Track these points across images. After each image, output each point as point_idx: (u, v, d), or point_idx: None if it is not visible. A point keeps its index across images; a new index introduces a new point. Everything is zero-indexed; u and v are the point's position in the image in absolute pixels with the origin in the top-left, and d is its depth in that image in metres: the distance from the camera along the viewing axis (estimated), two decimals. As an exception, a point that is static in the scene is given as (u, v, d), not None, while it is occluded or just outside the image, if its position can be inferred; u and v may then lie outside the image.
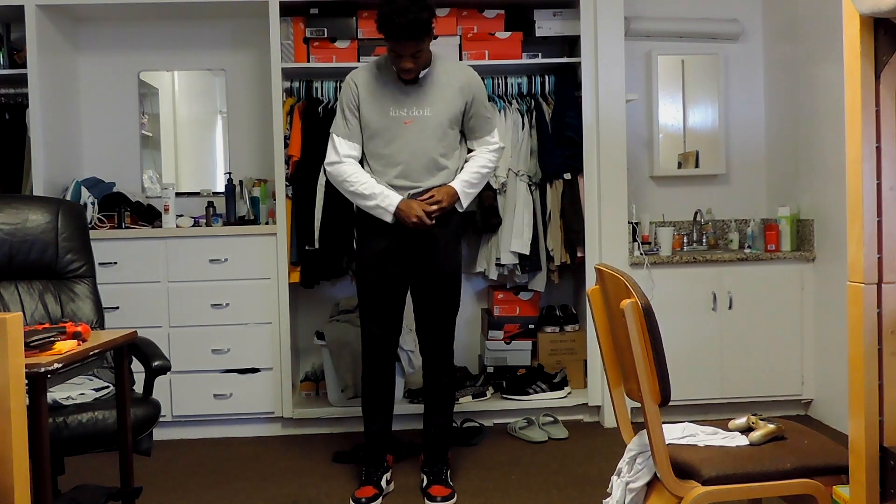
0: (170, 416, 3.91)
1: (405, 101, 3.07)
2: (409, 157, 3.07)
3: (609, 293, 2.17)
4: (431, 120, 3.07)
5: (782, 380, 4.08)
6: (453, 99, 3.09)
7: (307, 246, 3.99)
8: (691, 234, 4.39)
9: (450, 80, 3.11)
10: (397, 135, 3.07)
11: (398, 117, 3.06)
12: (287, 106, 4.04)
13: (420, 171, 3.08)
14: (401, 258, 3.13)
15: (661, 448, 1.99)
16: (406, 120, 3.06)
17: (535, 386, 4.09)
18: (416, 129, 3.06)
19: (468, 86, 3.13)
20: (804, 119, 4.13)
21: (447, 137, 3.11)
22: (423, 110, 3.06)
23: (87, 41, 4.35)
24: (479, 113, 3.17)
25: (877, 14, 1.61)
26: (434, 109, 3.07)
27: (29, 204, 3.01)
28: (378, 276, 3.14)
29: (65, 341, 2.18)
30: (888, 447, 1.69)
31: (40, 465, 2.00)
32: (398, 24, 2.85)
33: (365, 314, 3.21)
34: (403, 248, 3.11)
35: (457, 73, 3.14)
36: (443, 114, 3.08)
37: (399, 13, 2.84)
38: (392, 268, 3.14)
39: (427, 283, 3.17)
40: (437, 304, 3.20)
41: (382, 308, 3.17)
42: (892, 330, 1.70)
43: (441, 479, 3.18)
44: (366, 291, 3.19)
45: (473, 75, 3.19)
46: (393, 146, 3.08)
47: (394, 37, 2.90)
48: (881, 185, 1.70)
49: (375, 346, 3.20)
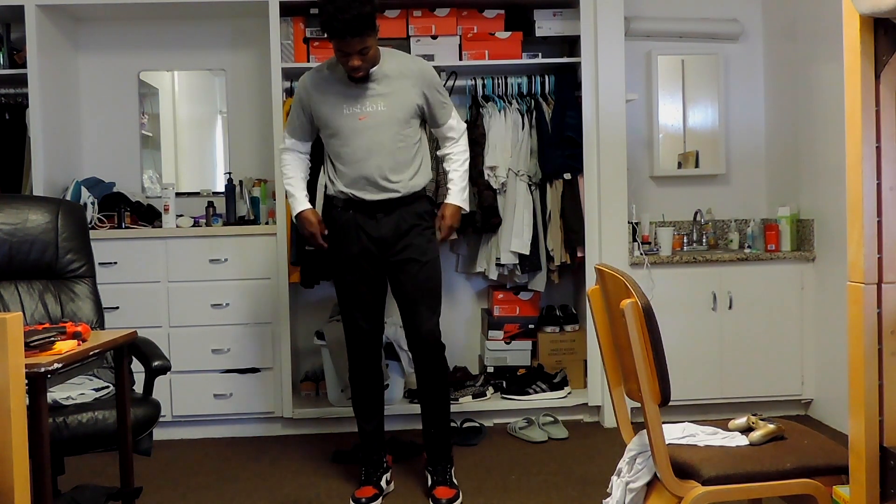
0: (170, 416, 3.91)
1: (358, 99, 3.04)
2: (366, 153, 3.04)
3: (609, 293, 2.17)
4: (386, 114, 3.04)
5: (782, 380, 4.08)
6: (407, 91, 3.06)
7: (307, 246, 3.98)
8: (691, 234, 4.39)
9: (402, 71, 3.08)
10: (353, 133, 3.05)
11: (352, 114, 3.04)
12: (287, 106, 4.03)
13: (381, 169, 3.04)
14: (373, 255, 3.11)
15: (661, 448, 1.99)
16: (360, 116, 3.04)
17: (535, 386, 4.09)
18: (372, 125, 3.03)
19: (420, 75, 3.09)
20: (804, 119, 4.13)
21: (405, 130, 3.07)
22: (377, 105, 3.04)
23: (87, 41, 4.35)
24: (436, 100, 3.13)
25: (877, 14, 1.61)
26: (388, 103, 3.04)
27: (29, 204, 3.01)
28: (355, 277, 3.14)
29: (65, 341, 2.18)
30: (888, 447, 1.70)
31: (40, 465, 2.00)
32: (341, 21, 2.84)
33: (347, 315, 3.20)
34: (375, 244, 3.10)
35: (408, 65, 3.12)
36: (397, 107, 3.05)
37: (341, 10, 2.83)
38: (367, 265, 3.13)
39: (404, 275, 3.12)
40: (416, 294, 3.13)
41: (363, 307, 3.16)
42: (892, 330, 1.70)
43: (445, 479, 3.16)
44: (345, 293, 3.19)
45: (424, 64, 3.17)
46: (351, 145, 3.05)
47: (339, 35, 2.88)
48: (881, 185, 1.70)
49: (360, 345, 3.20)
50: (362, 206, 3.09)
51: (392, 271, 3.14)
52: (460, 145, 3.25)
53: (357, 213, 3.10)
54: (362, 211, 3.09)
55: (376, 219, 3.08)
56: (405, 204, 3.10)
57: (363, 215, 3.09)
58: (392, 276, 3.16)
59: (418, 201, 3.14)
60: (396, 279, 3.15)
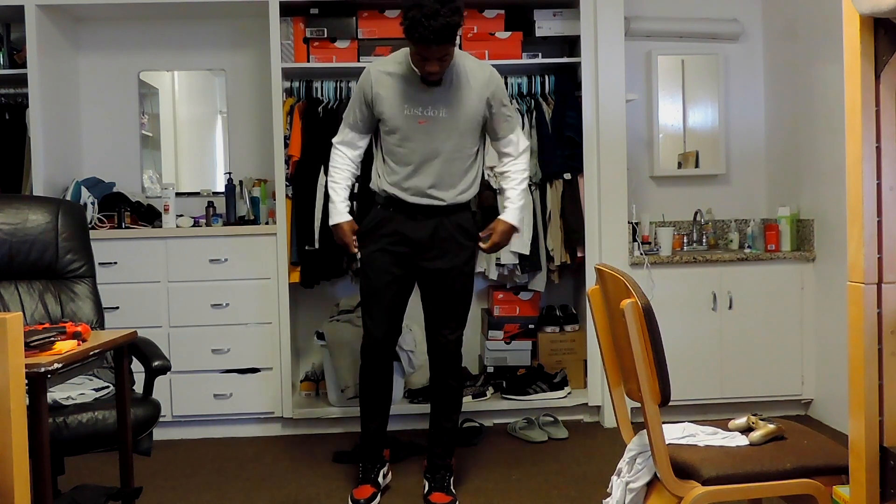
0: (170, 416, 3.91)
1: (421, 100, 2.98)
2: (421, 158, 3.00)
3: (609, 293, 2.17)
4: (447, 122, 2.99)
5: (782, 380, 4.08)
6: (471, 100, 3.01)
7: (307, 246, 3.99)
8: (691, 234, 4.39)
9: (469, 79, 3.01)
10: (410, 134, 3.00)
11: (412, 116, 2.99)
12: (287, 106, 4.04)
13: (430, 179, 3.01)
14: (406, 258, 3.08)
15: (661, 448, 1.99)
16: (420, 120, 2.98)
17: (535, 386, 4.09)
18: (431, 129, 2.99)
19: (487, 85, 3.03)
20: (804, 119, 4.13)
21: (464, 140, 3.03)
22: (439, 111, 2.98)
23: (87, 41, 4.35)
24: (500, 112, 3.08)
25: (877, 14, 1.61)
26: (450, 111, 2.99)
27: (29, 204, 3.01)
28: (380, 277, 3.10)
29: (65, 341, 2.18)
30: (888, 447, 1.70)
31: (40, 465, 2.00)
32: (428, 28, 2.72)
33: (366, 313, 3.19)
34: (410, 247, 3.07)
35: (476, 73, 3.03)
36: (460, 116, 3.00)
37: (429, 17, 2.71)
38: (396, 268, 3.09)
39: (435, 283, 3.11)
40: (444, 304, 3.14)
41: (384, 309, 3.13)
42: (892, 330, 1.70)
43: (443, 486, 3.13)
44: (368, 292, 3.16)
45: (493, 73, 3.09)
46: (406, 146, 3.01)
47: (423, 41, 2.77)
48: (881, 185, 1.70)
49: (375, 345, 3.17)
50: (404, 206, 3.05)
51: (424, 277, 3.12)
52: (520, 163, 3.17)
53: (397, 212, 3.06)
54: (403, 211, 3.05)
55: (416, 220, 3.05)
56: (447, 213, 3.07)
57: (403, 215, 3.05)
58: (424, 282, 3.14)
59: (461, 212, 3.11)
60: (429, 286, 3.13)
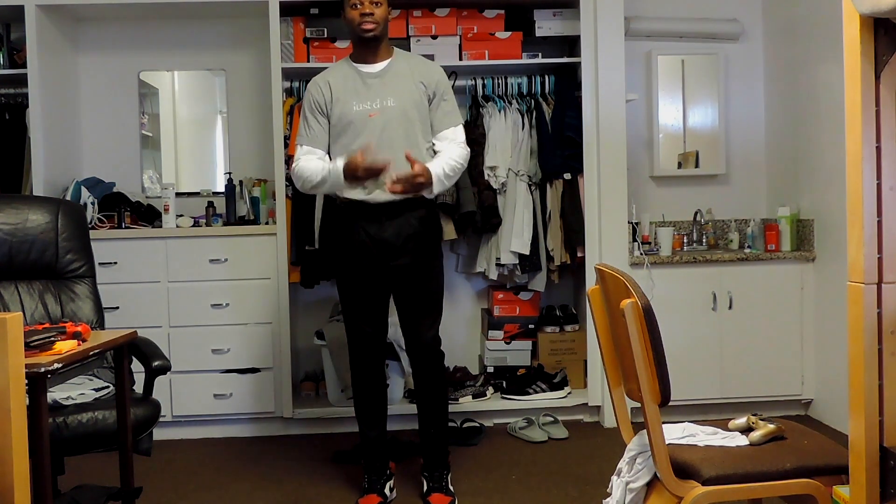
0: (170, 416, 3.91)
1: (367, 94, 3.01)
2: (375, 151, 2.96)
3: (609, 293, 2.17)
4: (395, 110, 3.00)
5: (782, 380, 4.08)
6: (415, 88, 3.03)
7: (307, 246, 3.99)
8: (691, 234, 4.39)
9: (412, 71, 3.06)
10: (363, 129, 3.00)
11: (362, 111, 3.00)
12: (287, 106, 4.04)
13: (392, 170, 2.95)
14: (376, 257, 3.06)
15: (661, 448, 1.99)
16: (370, 113, 3.00)
17: (535, 386, 4.09)
18: (382, 120, 3.00)
19: (429, 75, 3.07)
20: (804, 119, 4.13)
21: (413, 128, 3.03)
22: (387, 101, 3.00)
23: (87, 41, 4.35)
24: (441, 105, 3.08)
25: (877, 14, 1.61)
26: (397, 99, 3.00)
27: (29, 204, 3.01)
28: (357, 280, 3.08)
29: (65, 341, 2.18)
30: (888, 447, 1.69)
31: (40, 465, 2.00)
32: None
33: (349, 319, 3.15)
34: (378, 248, 3.04)
35: (419, 66, 3.09)
36: (407, 103, 3.01)
37: None
38: (370, 269, 3.07)
39: (407, 280, 3.09)
40: (418, 300, 3.11)
41: (366, 311, 3.11)
42: (892, 330, 1.70)
43: (441, 485, 3.12)
44: (347, 296, 3.14)
45: (436, 67, 3.15)
46: (360, 141, 2.99)
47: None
48: (881, 185, 1.70)
49: (363, 349, 3.14)
50: (366, 209, 3.04)
51: (394, 277, 3.10)
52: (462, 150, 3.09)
53: (360, 216, 3.05)
54: (365, 215, 3.04)
55: (380, 222, 3.04)
56: (410, 209, 3.05)
57: (366, 219, 3.04)
58: (394, 282, 3.11)
59: (424, 207, 3.10)
60: (398, 286, 3.12)
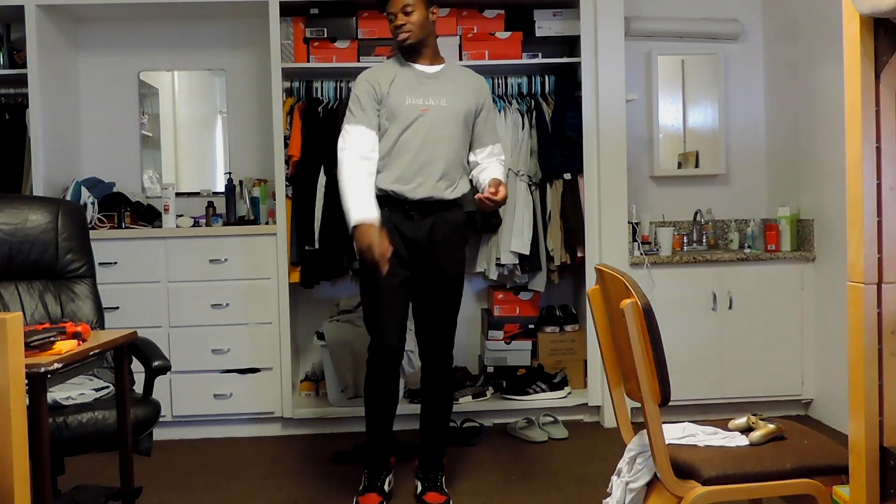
0: (170, 416, 3.91)
1: (421, 91, 3.05)
2: (424, 144, 3.00)
3: (609, 293, 2.17)
4: (447, 110, 3.05)
5: (782, 380, 4.08)
6: (468, 96, 3.10)
7: (307, 246, 3.99)
8: (691, 234, 4.39)
9: (465, 79, 3.15)
10: (412, 122, 3.02)
11: (414, 105, 3.03)
12: (287, 106, 4.04)
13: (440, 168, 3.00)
14: (406, 259, 3.04)
15: (661, 448, 1.99)
16: (423, 108, 3.03)
17: (535, 386, 4.09)
18: (432, 117, 3.03)
19: (479, 90, 3.16)
20: (804, 119, 4.13)
21: (459, 132, 3.07)
22: (440, 100, 3.05)
23: (87, 41, 4.35)
24: (489, 119, 3.19)
25: (877, 14, 1.61)
26: (450, 101, 3.06)
27: (29, 204, 3.01)
28: (389, 280, 2.98)
29: (65, 341, 2.18)
30: (888, 447, 1.69)
31: (40, 465, 2.00)
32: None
33: (374, 321, 3.08)
34: (407, 249, 3.04)
35: (472, 78, 3.18)
36: (459, 106, 3.07)
37: None
38: (402, 270, 3.03)
39: (429, 286, 3.09)
40: (439, 307, 3.12)
41: (395, 314, 3.05)
42: (892, 330, 1.70)
43: (436, 486, 3.12)
44: (375, 297, 3.06)
45: (485, 83, 3.24)
46: (407, 133, 3.01)
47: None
48: (881, 185, 1.70)
49: (388, 354, 3.06)
50: (400, 205, 3.02)
51: (418, 280, 3.08)
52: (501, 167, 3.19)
53: (393, 212, 3.02)
54: (399, 211, 3.03)
55: (412, 219, 3.03)
56: (444, 209, 3.06)
57: (400, 215, 3.03)
58: (417, 285, 3.09)
59: (456, 210, 3.11)
60: (422, 289, 3.10)
